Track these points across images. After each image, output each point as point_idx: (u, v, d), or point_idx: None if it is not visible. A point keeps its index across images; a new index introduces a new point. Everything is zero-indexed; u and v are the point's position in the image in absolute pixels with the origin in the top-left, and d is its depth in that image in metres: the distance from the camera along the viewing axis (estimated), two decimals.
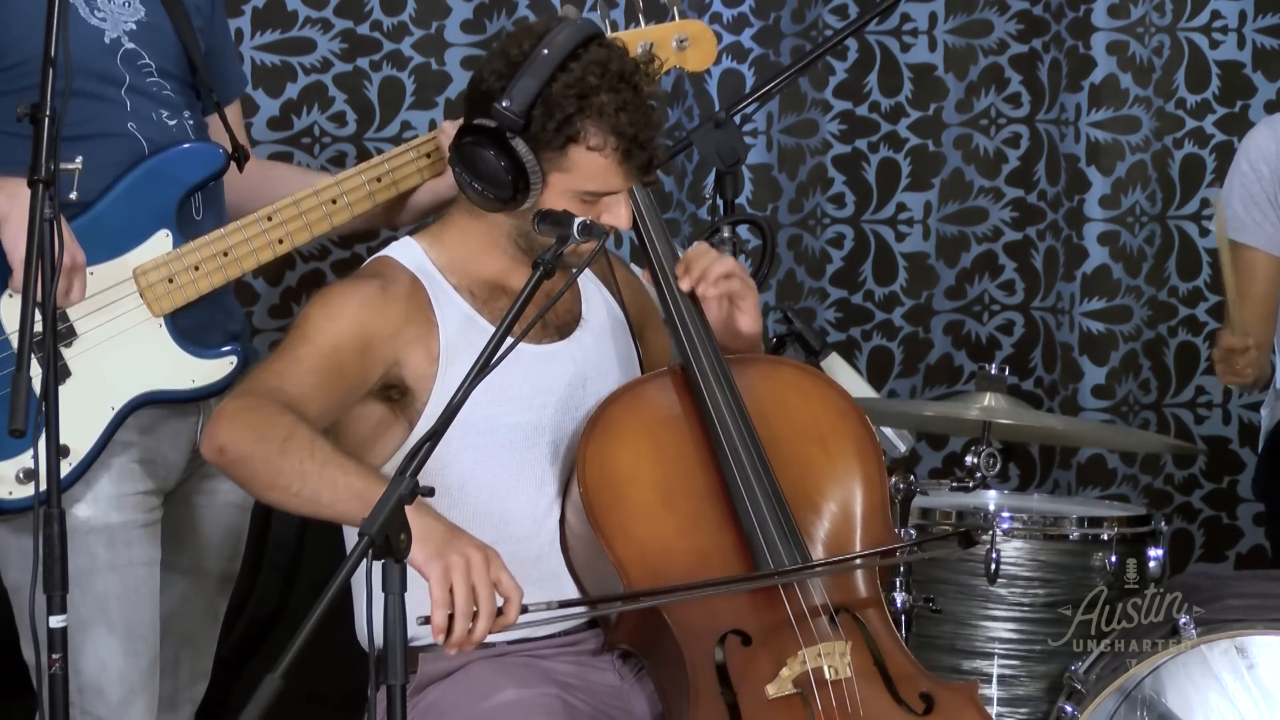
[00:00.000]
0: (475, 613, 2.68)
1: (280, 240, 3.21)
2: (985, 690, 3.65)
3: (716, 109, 4.25)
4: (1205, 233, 4.81)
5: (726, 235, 3.54)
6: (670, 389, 3.07)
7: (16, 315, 2.79)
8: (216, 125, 3.32)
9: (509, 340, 2.66)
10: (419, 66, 4.49)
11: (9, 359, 2.95)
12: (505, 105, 2.91)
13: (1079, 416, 4.71)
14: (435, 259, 3.05)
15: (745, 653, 2.92)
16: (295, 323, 2.98)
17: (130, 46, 3.17)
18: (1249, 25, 4.80)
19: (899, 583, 3.55)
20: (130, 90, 3.16)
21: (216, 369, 3.19)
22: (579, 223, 2.87)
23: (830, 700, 2.90)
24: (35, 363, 2.90)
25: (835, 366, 3.63)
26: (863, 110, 4.75)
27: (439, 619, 2.67)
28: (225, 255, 3.17)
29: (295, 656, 2.37)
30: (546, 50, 2.92)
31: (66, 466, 3.06)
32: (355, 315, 2.95)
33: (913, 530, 3.62)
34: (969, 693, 3.04)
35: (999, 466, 3.69)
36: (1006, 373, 3.80)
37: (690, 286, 3.07)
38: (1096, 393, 4.76)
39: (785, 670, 2.91)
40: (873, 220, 4.79)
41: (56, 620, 2.78)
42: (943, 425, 4.24)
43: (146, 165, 3.15)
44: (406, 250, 3.06)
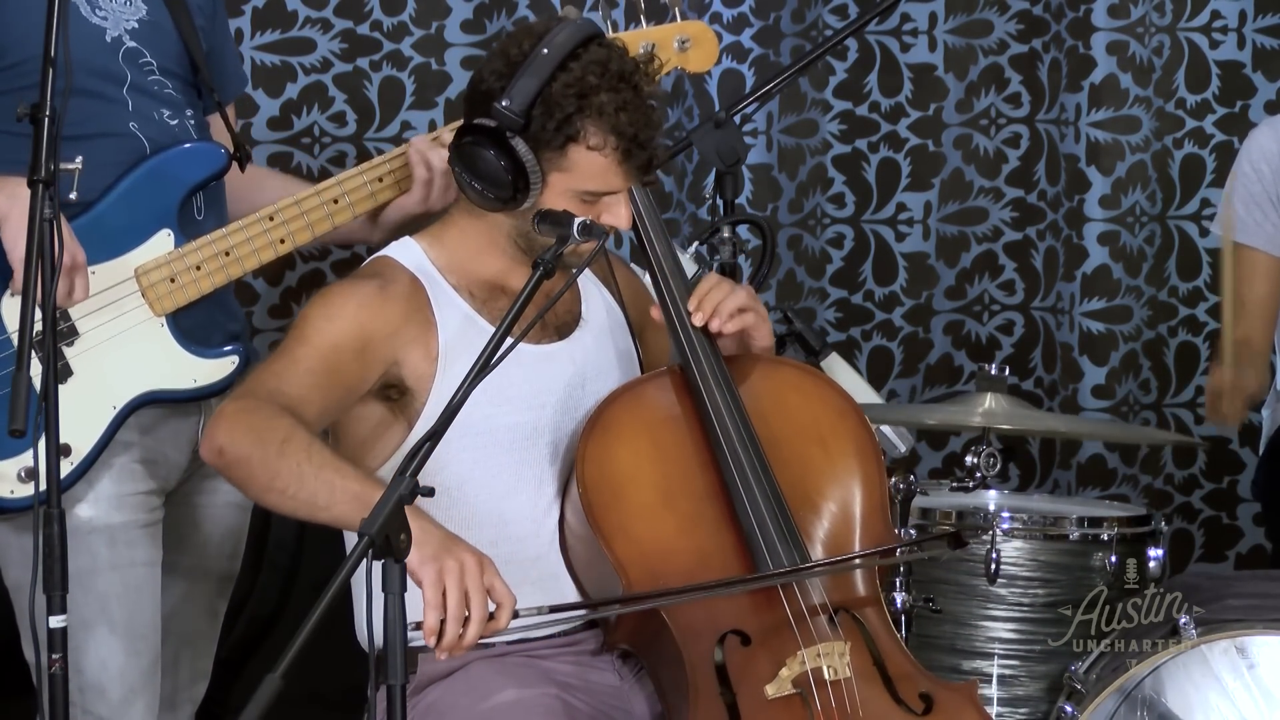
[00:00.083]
0: (467, 618, 2.69)
1: (282, 240, 3.21)
2: (985, 690, 3.65)
3: (716, 109, 4.25)
4: (1205, 233, 4.80)
5: (726, 235, 3.53)
6: (670, 389, 3.07)
7: (18, 315, 2.79)
8: (217, 125, 3.32)
9: (509, 340, 2.66)
10: (419, 66, 4.49)
11: (10, 358, 2.95)
12: (505, 105, 2.91)
13: (1079, 416, 4.71)
14: (435, 259, 3.05)
15: (744, 653, 2.92)
16: (294, 323, 2.98)
17: (132, 45, 3.17)
18: (1249, 25, 4.80)
19: (899, 583, 3.54)
20: (132, 89, 3.15)
21: (218, 369, 3.19)
22: (579, 223, 2.87)
23: (829, 700, 2.90)
24: (36, 362, 2.90)
25: (835, 366, 3.63)
26: (863, 110, 4.75)
27: (431, 622, 2.67)
28: (227, 255, 3.17)
29: (295, 656, 2.37)
30: (546, 50, 2.91)
31: (68, 466, 3.06)
32: (354, 315, 2.95)
33: (912, 530, 3.61)
34: (969, 693, 3.04)
35: (999, 466, 3.69)
36: (1006, 373, 3.80)
37: (703, 322, 3.06)
38: (1096, 393, 4.76)
39: (784, 670, 2.91)
40: (873, 220, 4.79)
41: (56, 620, 2.77)
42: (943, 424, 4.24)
43: (148, 165, 3.15)
44: (406, 250, 3.06)
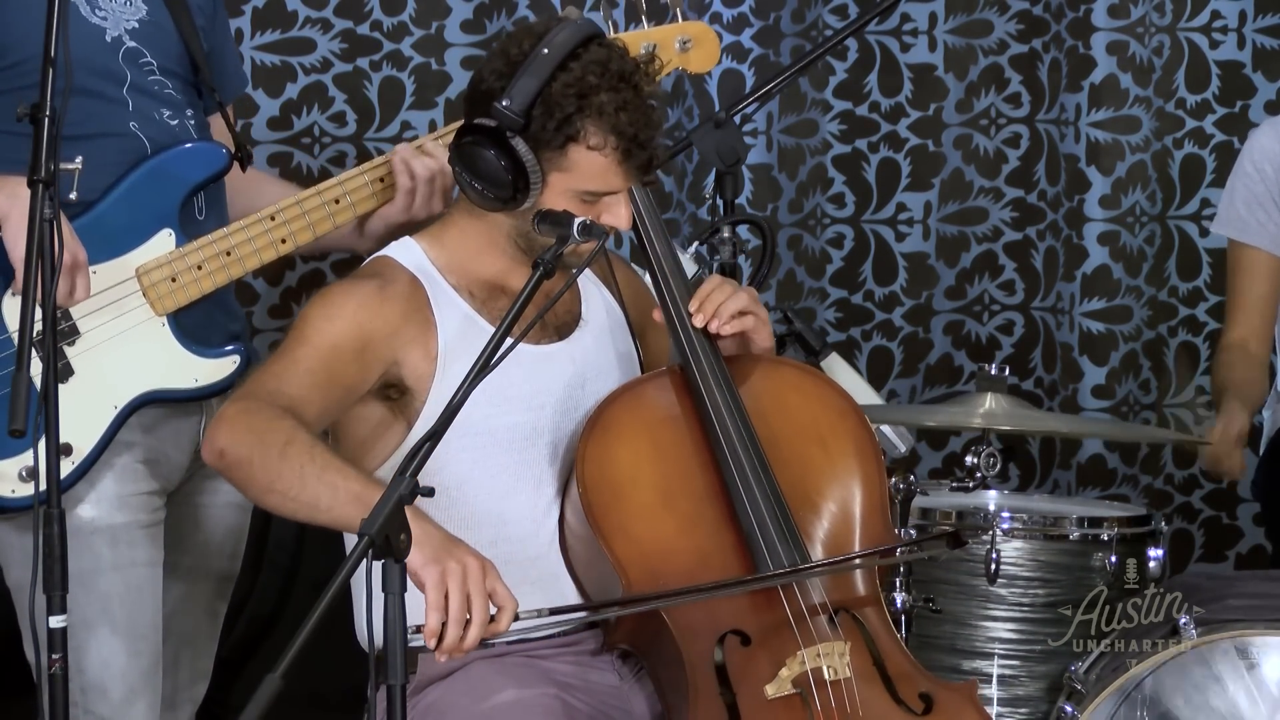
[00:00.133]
0: (468, 620, 2.69)
1: (283, 240, 3.21)
2: (985, 690, 3.65)
3: (716, 109, 4.25)
4: (1205, 233, 4.81)
5: (726, 235, 3.54)
6: (669, 389, 3.07)
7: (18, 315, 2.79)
8: (218, 126, 3.32)
9: (508, 341, 2.66)
10: (419, 66, 4.49)
11: (12, 358, 2.94)
12: (505, 105, 2.90)
13: (1079, 416, 4.71)
14: (435, 259, 3.05)
15: (744, 653, 2.92)
16: (294, 324, 2.98)
17: (132, 45, 3.17)
18: (1249, 25, 4.80)
19: (899, 583, 3.54)
20: (132, 89, 3.15)
21: (219, 368, 3.19)
22: (579, 223, 2.87)
23: (829, 700, 2.90)
24: (37, 362, 2.90)
25: (835, 366, 3.63)
26: (863, 110, 4.75)
27: (433, 624, 2.67)
28: (228, 254, 3.17)
29: (295, 656, 2.37)
30: (546, 50, 2.91)
31: (69, 465, 3.06)
32: (353, 316, 2.95)
33: (912, 530, 3.61)
34: (968, 693, 3.04)
35: (999, 466, 3.69)
36: (1006, 373, 3.79)
37: (704, 324, 3.06)
38: (1096, 393, 4.76)
39: (784, 670, 2.91)
40: (873, 220, 4.79)
41: (56, 620, 2.77)
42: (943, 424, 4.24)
43: (149, 164, 3.15)
44: (406, 250, 3.06)
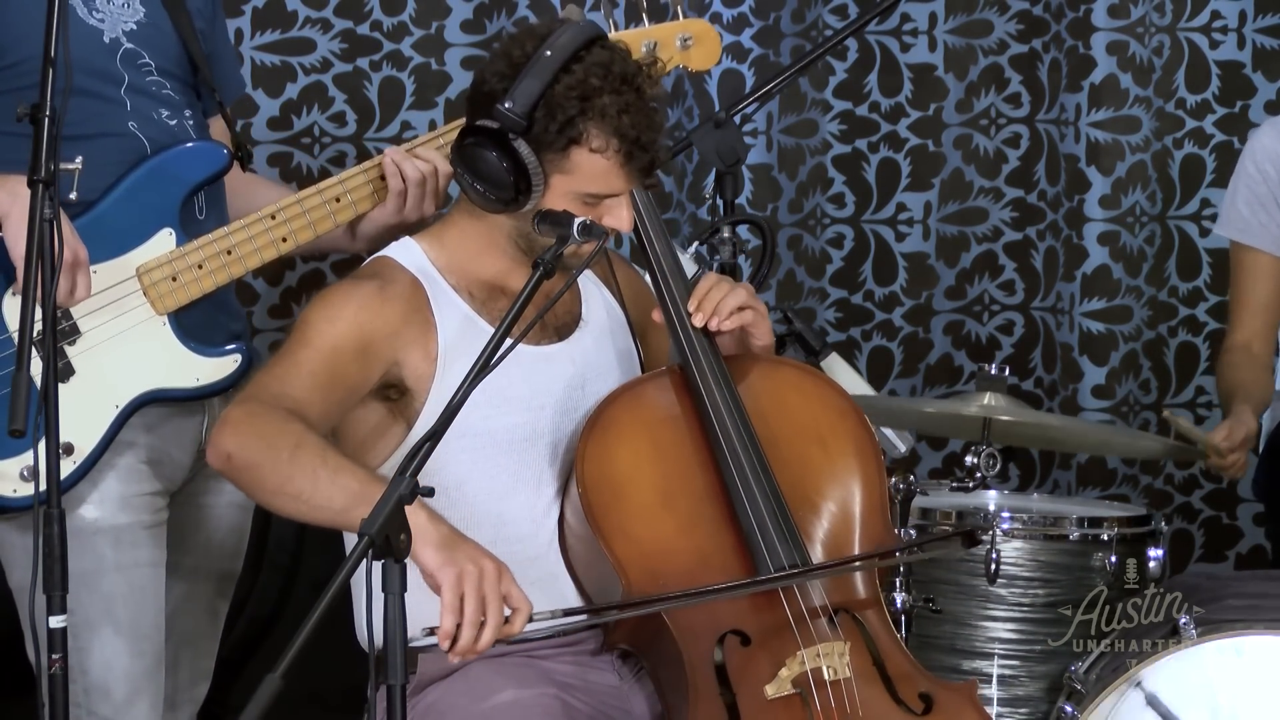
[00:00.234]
0: (482, 622, 2.69)
1: (284, 238, 3.21)
2: (985, 690, 3.65)
3: (716, 109, 4.25)
4: (1205, 233, 4.81)
5: (726, 235, 3.53)
6: (669, 389, 3.07)
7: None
8: (218, 127, 3.33)
9: (508, 341, 2.66)
10: (419, 66, 4.49)
11: (12, 358, 2.94)
12: (508, 106, 2.90)
13: (1079, 417, 4.70)
14: (435, 259, 3.05)
15: (744, 653, 2.92)
16: (295, 325, 2.98)
17: (130, 46, 3.17)
18: (1249, 25, 4.80)
19: (899, 583, 3.54)
20: (130, 90, 3.15)
21: (220, 367, 3.19)
22: (579, 223, 2.87)
23: (829, 700, 2.90)
24: (38, 361, 2.90)
25: (835, 366, 3.62)
26: (863, 110, 4.75)
27: (448, 625, 2.66)
28: (229, 254, 3.17)
29: (295, 656, 2.37)
30: (549, 52, 2.91)
31: (71, 465, 3.06)
32: (354, 317, 2.95)
33: (913, 531, 3.61)
34: (968, 693, 3.04)
35: (999, 467, 3.69)
36: (1006, 373, 3.79)
37: (704, 322, 3.06)
38: (1096, 393, 4.76)
39: (784, 670, 2.91)
40: (873, 220, 4.79)
41: (56, 620, 2.77)
42: (941, 426, 4.23)
43: (149, 164, 3.15)
44: (406, 250, 3.06)
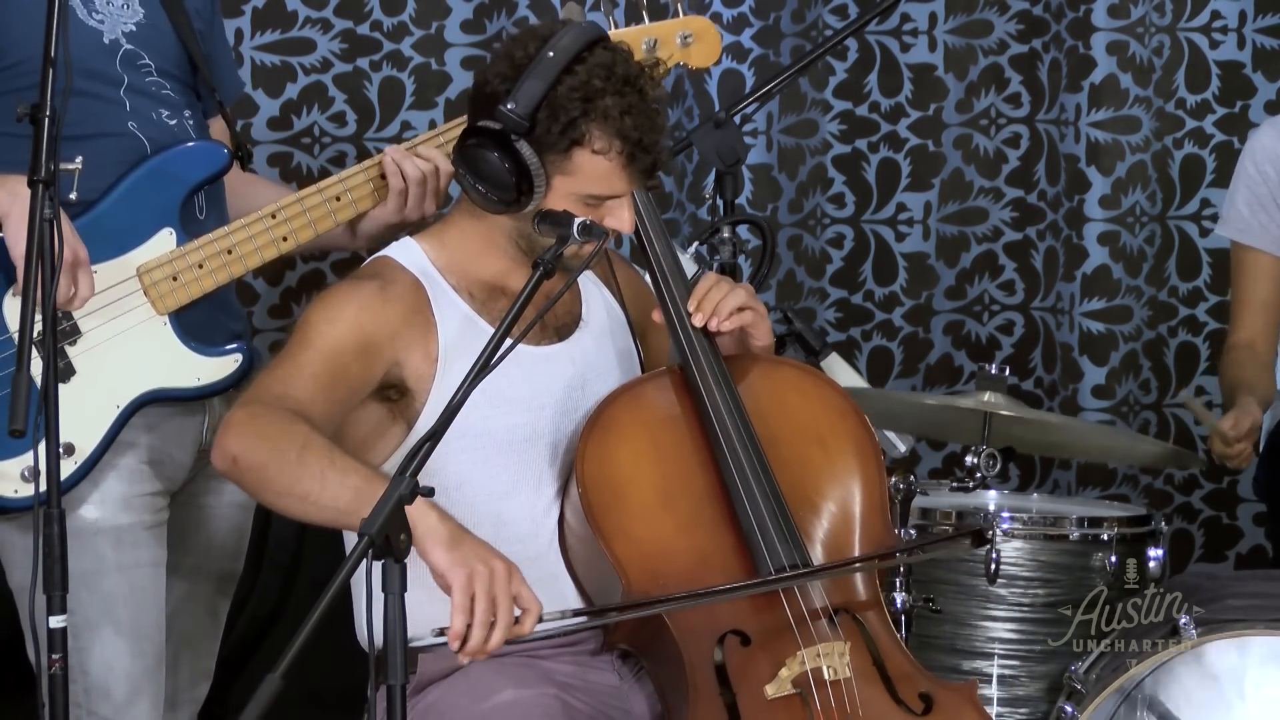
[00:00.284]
0: (492, 623, 2.69)
1: (284, 238, 3.21)
2: (985, 690, 3.65)
3: (716, 109, 4.25)
4: (1205, 233, 4.81)
5: (726, 235, 3.53)
6: (669, 389, 3.07)
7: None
8: (218, 128, 3.33)
9: (508, 341, 2.66)
10: (419, 66, 4.49)
11: (13, 358, 2.94)
12: (510, 108, 2.90)
13: (1079, 417, 4.71)
14: (435, 260, 3.05)
15: (744, 653, 2.92)
16: (296, 326, 2.98)
17: (129, 47, 3.17)
18: (1249, 25, 4.80)
19: (899, 583, 3.54)
20: (129, 90, 3.15)
21: (221, 367, 3.19)
22: (579, 223, 2.87)
23: (829, 700, 2.90)
24: (39, 361, 2.90)
25: (835, 366, 3.62)
26: (863, 110, 4.75)
27: (458, 626, 2.66)
28: (229, 253, 3.17)
29: (295, 656, 2.37)
30: (551, 53, 2.91)
31: (72, 465, 3.06)
32: (355, 318, 2.94)
33: (912, 531, 3.61)
34: (968, 693, 3.04)
35: (999, 467, 3.69)
36: (1006, 373, 3.79)
37: (703, 323, 3.06)
38: (1096, 393, 4.76)
39: (784, 670, 2.91)
40: (873, 220, 4.79)
41: (56, 620, 2.77)
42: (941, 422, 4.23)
43: (149, 164, 3.15)
44: (406, 251, 3.06)
